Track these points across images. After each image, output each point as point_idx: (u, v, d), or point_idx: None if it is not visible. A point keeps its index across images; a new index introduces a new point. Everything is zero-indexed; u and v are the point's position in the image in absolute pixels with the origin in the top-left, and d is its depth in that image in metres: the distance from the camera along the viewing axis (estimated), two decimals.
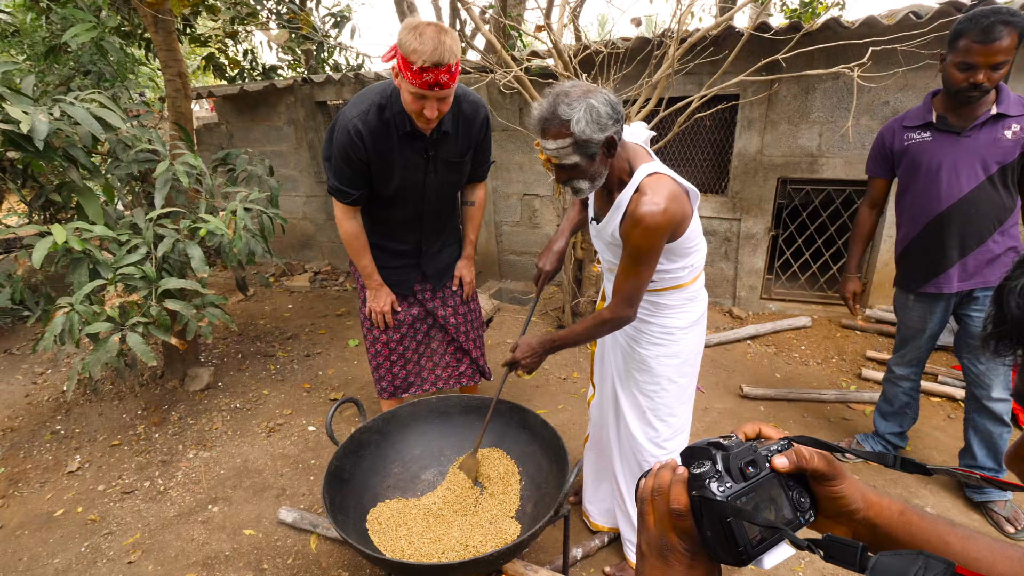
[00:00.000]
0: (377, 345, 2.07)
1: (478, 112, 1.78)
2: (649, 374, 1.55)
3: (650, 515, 0.52)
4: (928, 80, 2.90)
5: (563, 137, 1.24)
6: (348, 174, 1.71)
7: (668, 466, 0.53)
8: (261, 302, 4.51)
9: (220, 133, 5.13)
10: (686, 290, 1.49)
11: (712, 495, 0.47)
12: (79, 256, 2.17)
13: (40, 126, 1.95)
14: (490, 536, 1.52)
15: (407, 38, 1.41)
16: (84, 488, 2.35)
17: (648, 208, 1.24)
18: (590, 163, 1.28)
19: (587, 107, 1.20)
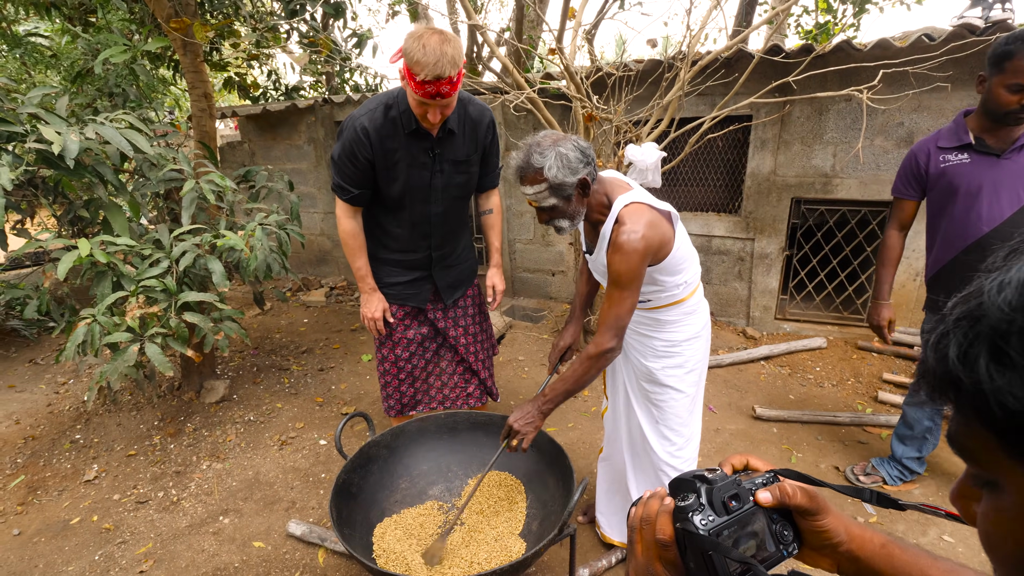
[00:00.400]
0: (386, 364, 2.07)
1: (484, 115, 1.82)
2: (657, 385, 1.59)
3: (638, 543, 0.53)
4: (942, 101, 2.89)
5: (539, 183, 1.35)
6: (351, 171, 1.73)
7: (657, 495, 0.54)
8: (277, 316, 4.59)
9: (243, 151, 5.28)
10: (684, 305, 1.54)
11: (694, 528, 0.48)
12: (103, 269, 2.25)
13: (71, 146, 2.04)
14: (495, 554, 1.52)
15: (411, 47, 1.45)
16: (100, 497, 2.40)
17: (625, 237, 1.33)
18: (567, 204, 1.39)
19: (557, 155, 1.33)
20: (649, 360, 1.58)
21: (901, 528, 2.03)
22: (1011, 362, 0.27)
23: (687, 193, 3.84)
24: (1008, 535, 0.33)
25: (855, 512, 2.13)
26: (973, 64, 2.72)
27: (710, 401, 2.92)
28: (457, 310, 2.09)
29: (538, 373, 3.38)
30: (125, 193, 2.38)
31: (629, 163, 2.53)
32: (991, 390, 0.28)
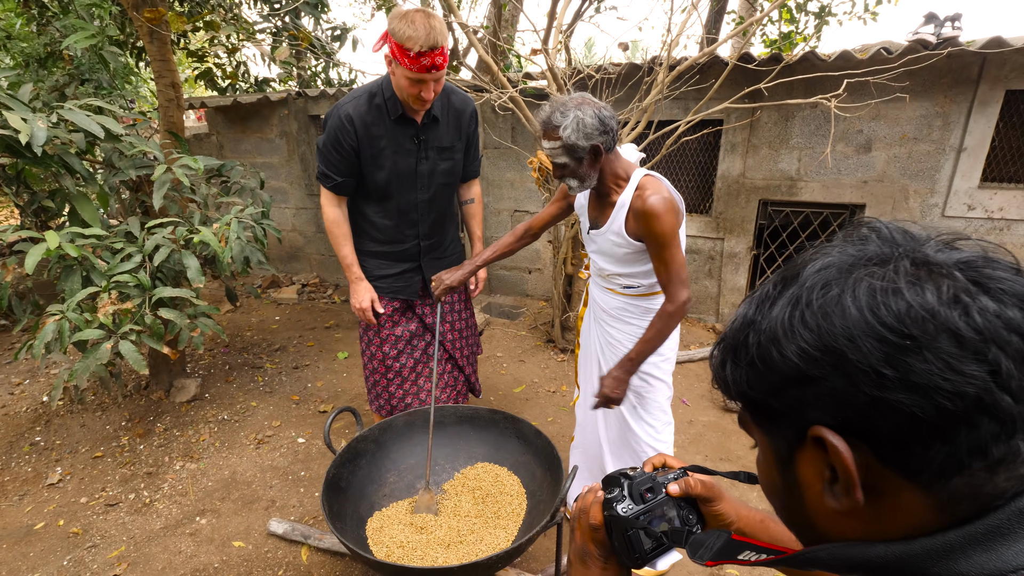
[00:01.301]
0: (374, 362, 2.05)
1: (467, 105, 1.86)
2: (638, 375, 1.65)
3: (577, 530, 0.66)
4: (897, 111, 3.08)
5: (554, 140, 1.42)
6: (335, 159, 1.74)
7: (593, 490, 0.66)
8: (248, 314, 4.48)
9: (210, 144, 5.12)
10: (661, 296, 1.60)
11: (617, 513, 0.61)
12: (72, 263, 2.16)
13: (39, 133, 1.96)
14: (488, 542, 1.54)
15: (399, 26, 1.47)
16: (66, 501, 2.30)
17: (655, 199, 1.40)
18: (578, 165, 1.45)
19: (575, 118, 1.38)
20: (628, 345, 1.64)
21: None
22: (735, 365, 0.44)
23: None
24: (763, 476, 0.49)
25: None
26: (926, 76, 2.90)
27: (683, 394, 3.02)
28: (445, 306, 2.09)
29: (516, 369, 3.42)
30: (94, 183, 2.29)
31: None
32: (731, 381, 0.45)
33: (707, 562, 0.54)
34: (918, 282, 0.35)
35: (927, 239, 0.40)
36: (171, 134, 2.74)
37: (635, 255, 1.54)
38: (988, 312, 0.33)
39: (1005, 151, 3.29)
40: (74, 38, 2.27)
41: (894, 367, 0.34)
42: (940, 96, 3.00)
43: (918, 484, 0.36)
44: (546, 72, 2.64)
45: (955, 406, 0.33)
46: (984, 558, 0.34)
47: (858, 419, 0.36)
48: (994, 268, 0.36)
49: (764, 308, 0.42)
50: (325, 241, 5.10)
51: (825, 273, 0.39)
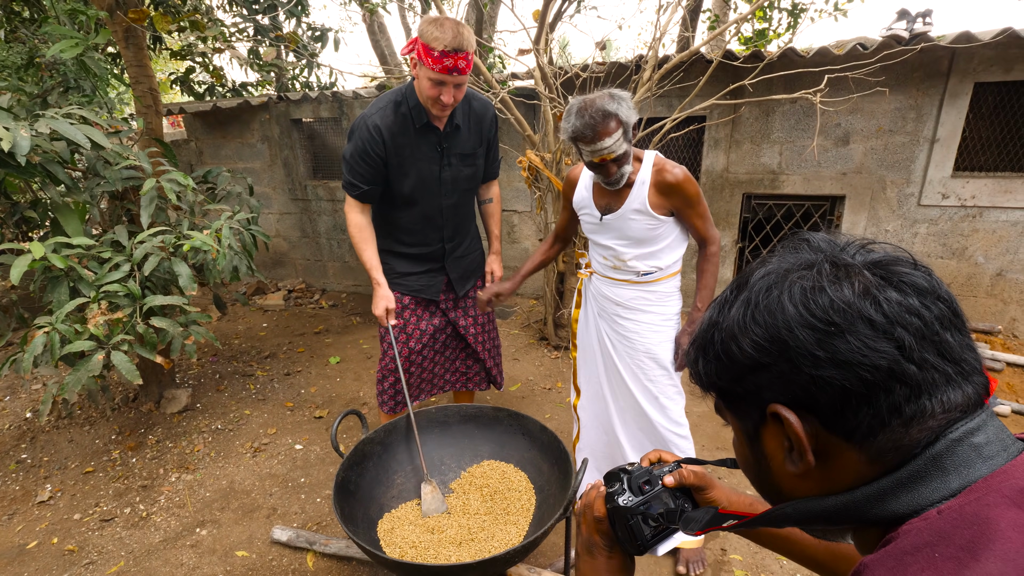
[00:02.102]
0: (399, 358, 2.03)
1: (487, 110, 1.89)
2: (655, 360, 1.70)
3: (583, 524, 0.72)
4: (874, 105, 3.18)
5: (615, 130, 1.44)
6: (362, 169, 1.76)
7: (595, 486, 0.72)
8: (234, 321, 4.41)
9: (189, 150, 5.03)
10: (675, 278, 1.71)
11: (619, 506, 0.67)
12: (58, 274, 2.11)
13: (22, 142, 1.91)
14: (502, 537, 1.56)
15: (428, 28, 1.51)
16: (58, 518, 2.25)
17: (679, 170, 1.54)
18: (630, 146, 1.51)
19: (618, 97, 1.44)
20: (645, 336, 1.70)
21: None
22: (706, 360, 0.51)
23: None
24: (738, 453, 0.55)
25: None
26: (900, 71, 3.00)
27: None
28: (468, 300, 2.12)
29: (511, 368, 3.43)
30: (79, 192, 2.24)
31: None
32: (703, 374, 0.52)
33: (696, 531, 0.63)
34: (837, 280, 0.43)
35: (847, 244, 0.48)
36: (157, 142, 2.68)
37: (657, 229, 1.60)
38: (892, 301, 0.42)
39: (976, 141, 3.42)
40: (60, 47, 2.22)
41: (824, 349, 0.42)
42: (913, 89, 3.11)
43: (853, 443, 0.44)
44: (534, 71, 2.66)
45: (873, 376, 0.41)
46: (909, 497, 0.42)
47: (803, 395, 0.44)
48: (898, 265, 0.44)
49: (724, 310, 0.50)
50: (310, 246, 5.04)
51: (768, 278, 0.47)
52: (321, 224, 4.87)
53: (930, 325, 0.41)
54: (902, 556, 0.39)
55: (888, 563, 0.39)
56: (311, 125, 4.75)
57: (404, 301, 2.02)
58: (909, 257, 0.45)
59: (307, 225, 4.94)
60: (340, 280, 5.06)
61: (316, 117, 4.50)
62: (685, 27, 4.74)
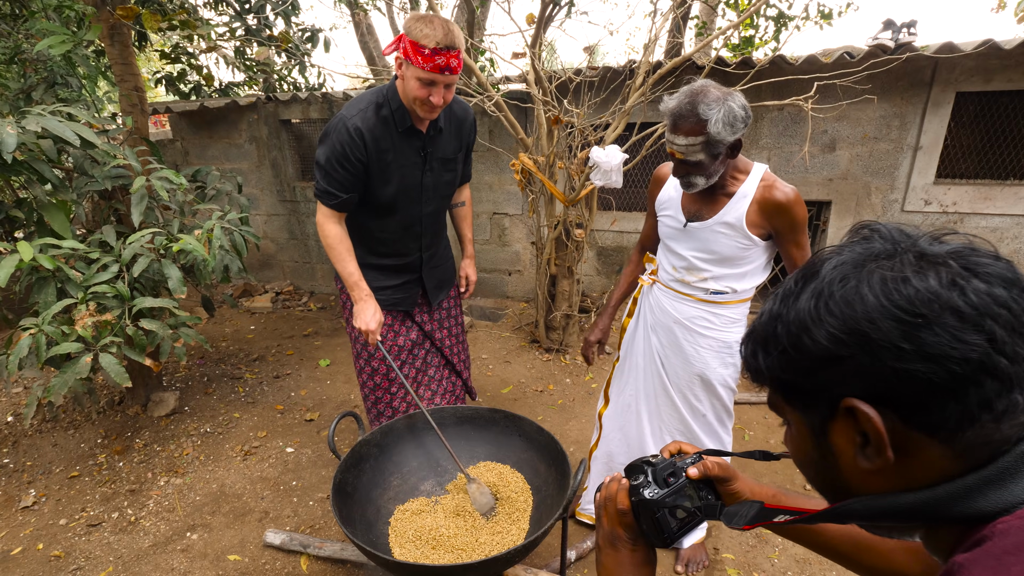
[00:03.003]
0: (376, 377, 1.97)
1: (467, 114, 1.82)
2: (709, 386, 1.64)
3: (604, 516, 0.71)
4: (859, 112, 3.25)
5: (696, 135, 1.29)
6: (341, 175, 1.63)
7: (615, 479, 0.72)
8: (221, 324, 4.35)
9: (175, 150, 4.96)
10: (746, 305, 1.59)
11: (645, 498, 0.66)
12: (45, 275, 2.07)
13: (8, 139, 1.87)
14: (500, 538, 1.56)
15: (416, 25, 1.42)
16: (43, 523, 2.20)
17: (790, 189, 1.40)
18: (712, 161, 1.34)
19: (727, 110, 1.27)
20: (702, 362, 1.61)
21: None
22: (767, 354, 0.50)
23: (638, 194, 4.05)
24: (796, 450, 0.54)
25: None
26: (885, 79, 3.08)
27: None
28: (442, 311, 2.07)
29: (503, 370, 3.44)
30: (66, 191, 2.20)
31: (592, 164, 2.65)
32: (764, 368, 0.51)
33: (744, 526, 0.61)
34: (921, 271, 0.42)
35: (920, 235, 0.46)
36: (146, 141, 2.65)
37: (745, 250, 1.46)
38: (980, 292, 0.40)
39: (957, 149, 3.51)
40: (48, 42, 2.17)
41: (910, 341, 0.40)
42: (898, 98, 3.19)
43: (938, 439, 0.42)
44: (529, 75, 2.68)
45: (963, 370, 0.39)
46: (998, 495, 0.40)
47: (884, 388, 0.42)
48: (979, 255, 0.43)
49: (789, 302, 0.48)
50: (298, 248, 5.00)
51: (841, 268, 0.45)
52: (310, 226, 4.83)
53: (1019, 317, 0.40)
54: (1002, 556, 0.37)
55: (988, 563, 0.37)
56: (300, 126, 4.71)
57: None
58: (991, 248, 0.44)
59: (295, 227, 4.90)
60: (328, 282, 5.02)
61: (305, 118, 4.47)
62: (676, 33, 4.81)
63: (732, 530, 2.05)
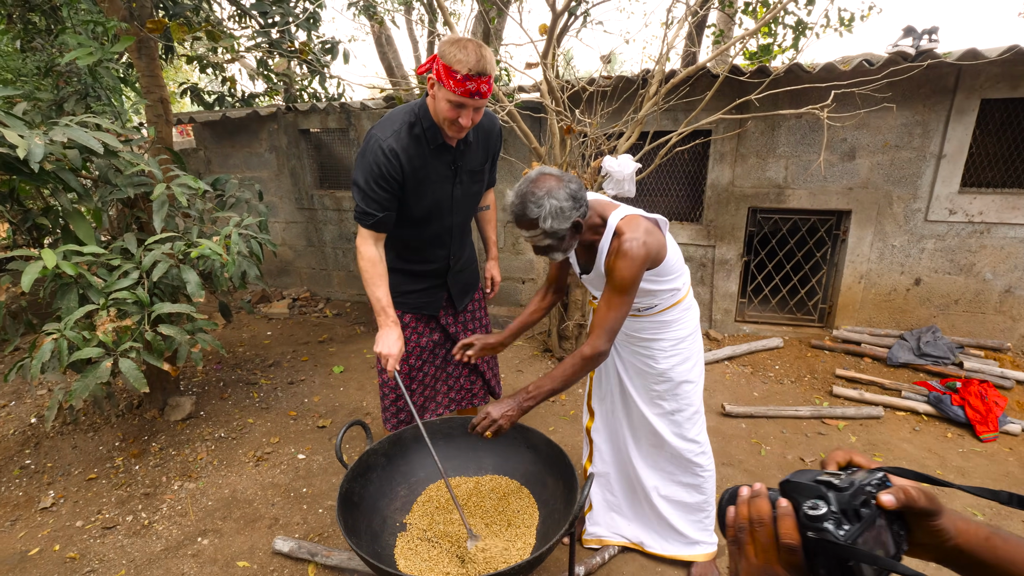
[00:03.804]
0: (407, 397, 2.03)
1: (494, 124, 1.86)
2: (670, 383, 1.69)
3: (750, 545, 0.54)
4: (879, 120, 3.18)
5: (533, 229, 1.43)
6: (380, 196, 1.68)
7: (761, 495, 0.54)
8: (239, 329, 4.42)
9: (198, 159, 5.08)
10: (683, 303, 1.67)
11: (835, 539, 0.47)
12: (68, 281, 2.12)
13: (36, 149, 1.93)
14: (505, 552, 1.54)
15: (450, 50, 1.46)
16: (60, 525, 2.24)
17: (628, 244, 1.42)
18: (561, 243, 1.47)
19: (551, 207, 1.39)
20: (660, 362, 1.68)
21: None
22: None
23: (652, 203, 4.02)
24: None
25: None
26: (906, 87, 3.02)
27: None
28: (466, 313, 2.11)
29: (513, 379, 3.42)
30: (89, 200, 2.26)
31: (605, 173, 2.64)
32: None
33: None
34: None
35: None
36: (168, 150, 2.71)
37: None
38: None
39: (983, 157, 3.42)
40: (75, 54, 2.25)
41: None
42: (919, 105, 3.12)
43: None
44: (542, 85, 2.68)
45: None
46: None
47: None
48: None
49: None
50: (315, 255, 5.07)
51: None
52: (327, 233, 4.89)
53: None
54: None
55: None
56: (318, 135, 4.79)
57: (405, 319, 2.00)
58: None
59: (313, 234, 4.97)
60: (345, 289, 5.08)
61: (324, 127, 4.55)
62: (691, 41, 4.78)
63: None
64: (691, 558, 1.89)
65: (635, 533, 1.98)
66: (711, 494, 1.84)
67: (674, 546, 1.91)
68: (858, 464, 0.58)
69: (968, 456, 2.56)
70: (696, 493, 1.82)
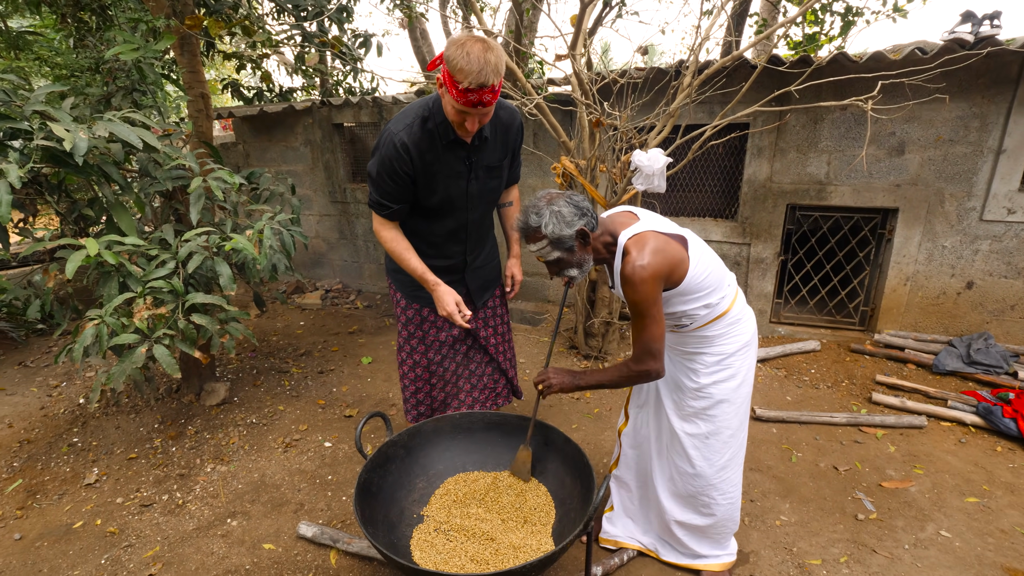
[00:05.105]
0: (418, 369, 2.05)
1: (514, 119, 1.81)
2: (708, 400, 1.60)
3: None
4: (932, 113, 3.00)
5: (540, 239, 1.46)
6: (391, 188, 1.70)
7: None
8: (273, 319, 4.55)
9: (237, 152, 5.24)
10: (727, 316, 1.55)
11: None
12: (109, 270, 2.22)
13: (81, 143, 2.02)
14: (520, 550, 1.53)
15: (454, 55, 1.42)
16: (102, 500, 2.36)
17: (630, 268, 1.39)
18: (571, 255, 1.48)
19: (551, 212, 1.43)
20: (701, 377, 1.60)
21: (900, 523, 2.10)
22: None
23: (685, 199, 3.91)
24: None
25: (849, 504, 2.19)
26: (963, 77, 2.83)
27: None
28: (487, 310, 2.11)
29: None
30: (131, 192, 2.35)
31: (634, 168, 2.58)
32: None
33: None
34: None
35: None
36: (205, 144, 2.80)
37: None
38: None
39: None
40: (118, 49, 2.35)
41: None
42: (977, 96, 2.92)
43: None
44: (571, 77, 2.64)
45: None
46: None
47: None
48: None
49: None
50: (348, 248, 5.16)
51: None
52: (359, 226, 4.98)
53: None
54: None
55: None
56: (352, 129, 4.87)
57: (424, 313, 2.01)
58: None
59: (345, 227, 5.06)
60: (375, 282, 5.16)
61: (357, 122, 4.61)
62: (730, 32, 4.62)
63: (772, 561, 1.93)
64: (706, 568, 1.84)
65: (651, 541, 1.94)
66: (730, 515, 1.75)
67: (687, 560, 1.87)
68: None
69: (1019, 472, 2.41)
70: (712, 517, 1.73)
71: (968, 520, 2.12)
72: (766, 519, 2.14)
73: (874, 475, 2.40)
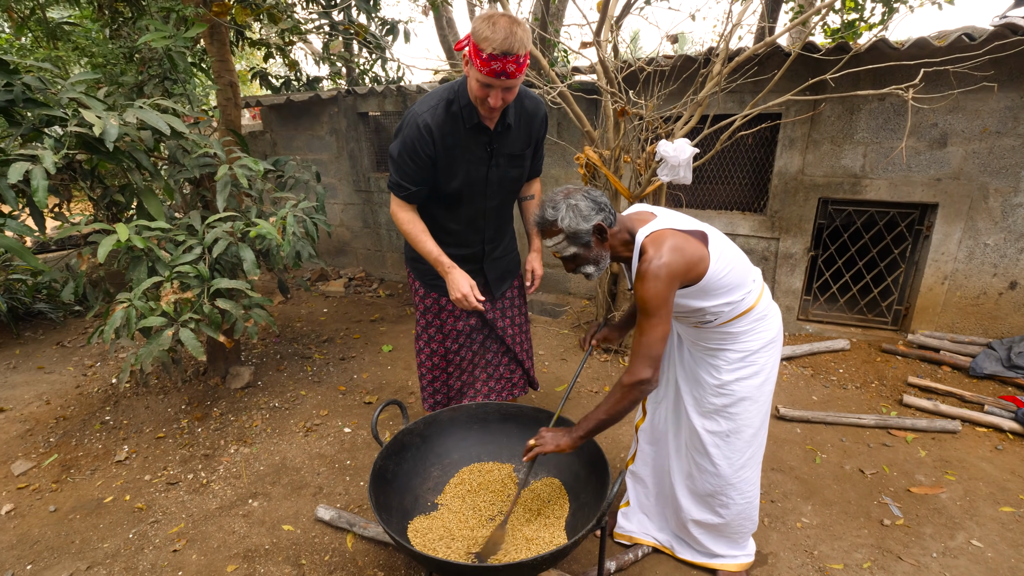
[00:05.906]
0: (435, 358, 2.06)
1: (539, 109, 1.79)
2: (729, 397, 1.56)
3: None
4: (979, 103, 2.85)
5: (556, 234, 1.44)
6: (411, 169, 1.70)
7: None
8: (297, 305, 4.63)
9: (264, 141, 5.32)
10: (752, 312, 1.51)
11: None
12: (139, 254, 2.28)
13: (111, 130, 2.07)
14: (533, 542, 1.53)
15: (480, 26, 1.42)
16: (131, 477, 2.44)
17: (646, 265, 1.36)
18: (587, 250, 1.46)
19: (568, 206, 1.42)
20: (723, 374, 1.56)
21: (929, 531, 2.03)
22: None
23: (711, 191, 3.82)
24: None
25: (874, 508, 2.12)
26: (1013, 64, 2.67)
27: None
28: (504, 300, 2.10)
29: (559, 368, 3.39)
30: (160, 178, 2.41)
31: (660, 159, 2.52)
32: None
33: None
34: None
35: None
36: (232, 132, 2.84)
37: (678, 304, 1.48)
38: None
39: None
40: (149, 36, 2.40)
41: None
42: None
43: None
44: (596, 66, 2.59)
45: None
46: None
47: None
48: None
49: None
50: (371, 236, 5.20)
51: None
52: (382, 215, 5.01)
53: None
54: None
55: None
56: (376, 119, 4.89)
57: (441, 302, 2.01)
58: None
59: (369, 216, 5.10)
60: (398, 271, 5.20)
61: (381, 111, 4.63)
62: (764, 18, 4.47)
63: (791, 564, 1.89)
64: (722, 567, 1.81)
65: (666, 538, 1.91)
66: (747, 514, 1.71)
67: (703, 559, 1.84)
68: None
69: None
70: (728, 516, 1.70)
71: (1002, 530, 2.03)
72: (787, 520, 2.09)
73: (902, 480, 2.32)
